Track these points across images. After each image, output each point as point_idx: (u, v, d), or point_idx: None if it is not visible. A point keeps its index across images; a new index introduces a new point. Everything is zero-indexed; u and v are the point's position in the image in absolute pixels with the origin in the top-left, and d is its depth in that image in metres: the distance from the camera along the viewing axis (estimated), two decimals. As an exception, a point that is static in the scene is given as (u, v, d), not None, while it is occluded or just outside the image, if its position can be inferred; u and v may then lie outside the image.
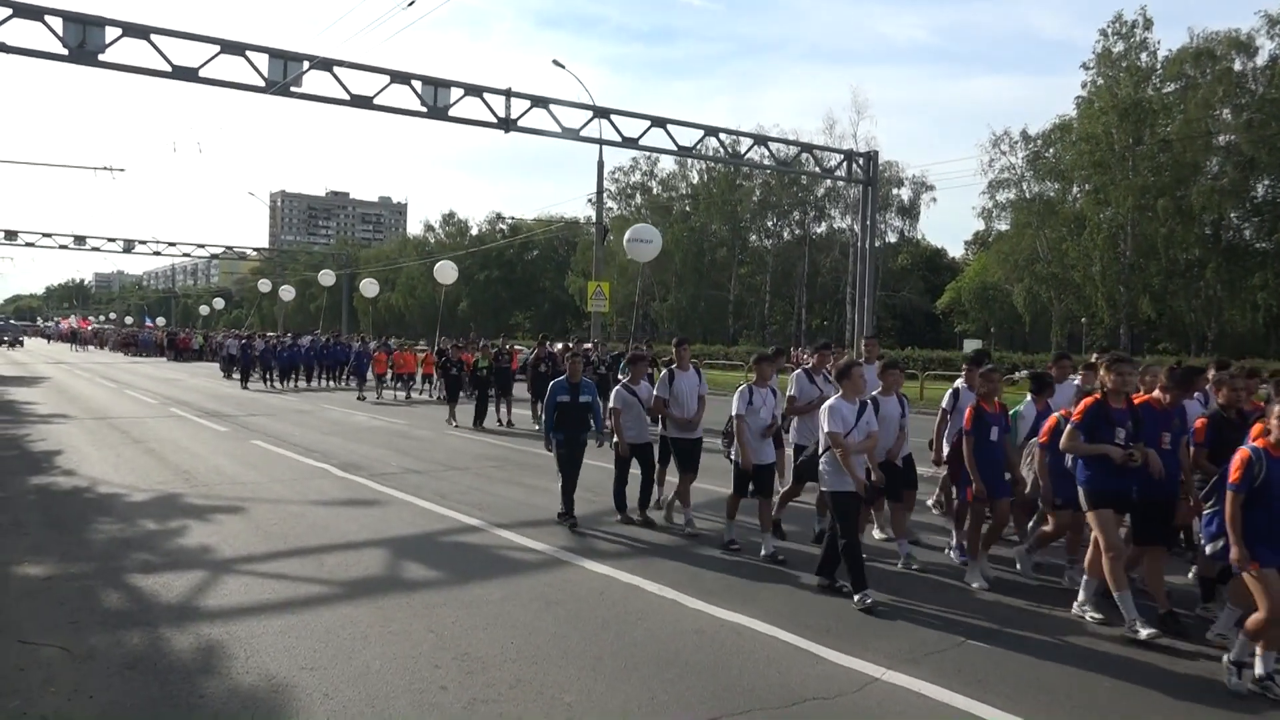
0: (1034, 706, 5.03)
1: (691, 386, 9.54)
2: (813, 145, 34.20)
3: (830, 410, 7.15)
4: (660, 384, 9.62)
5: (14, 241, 58.54)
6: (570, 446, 9.61)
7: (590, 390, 9.76)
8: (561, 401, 9.53)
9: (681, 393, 9.44)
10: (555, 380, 9.79)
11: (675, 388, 9.47)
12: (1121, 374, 6.58)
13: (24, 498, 10.68)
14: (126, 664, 5.43)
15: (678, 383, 9.48)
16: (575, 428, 9.59)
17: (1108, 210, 44.01)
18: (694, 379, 9.62)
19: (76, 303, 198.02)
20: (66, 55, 19.27)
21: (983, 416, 7.68)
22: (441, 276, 32.24)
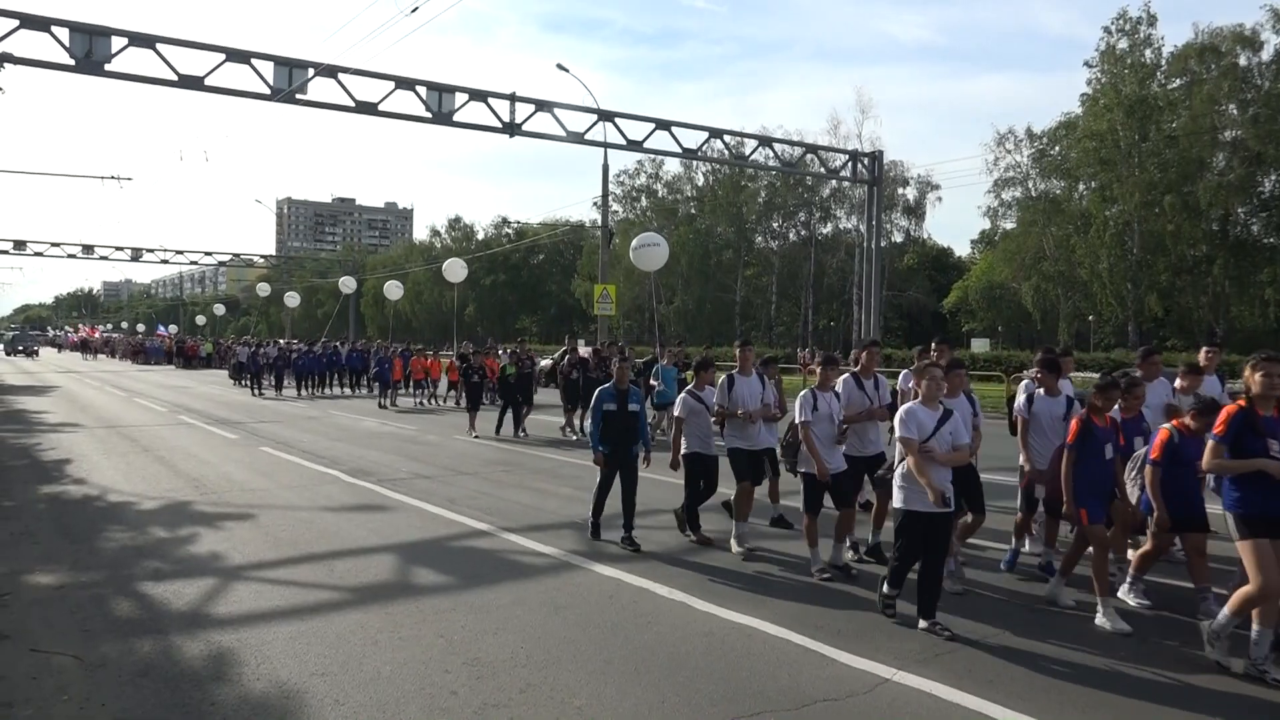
0: (1045, 707, 5.01)
1: (754, 393, 8.85)
2: (818, 146, 34.24)
3: (906, 415, 6.44)
4: (719, 390, 8.92)
5: (23, 251, 58.85)
6: (618, 459, 8.85)
7: (638, 398, 9.03)
8: (609, 410, 8.79)
9: (743, 400, 8.77)
10: (601, 387, 9.01)
11: (735, 395, 8.79)
12: (1271, 375, 5.78)
13: (35, 506, 10.73)
14: (138, 672, 5.44)
15: (739, 389, 8.81)
16: (624, 439, 8.82)
17: (1114, 207, 43.93)
18: (756, 385, 8.94)
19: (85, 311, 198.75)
20: (73, 65, 19.39)
21: (1093, 431, 6.83)
22: (450, 275, 31.97)
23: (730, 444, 8.80)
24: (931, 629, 6.21)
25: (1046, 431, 7.80)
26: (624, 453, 8.78)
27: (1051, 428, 7.76)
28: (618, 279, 55.52)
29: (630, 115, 26.67)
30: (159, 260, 65.18)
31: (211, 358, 54.23)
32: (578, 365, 18.51)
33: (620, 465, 8.76)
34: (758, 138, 32.56)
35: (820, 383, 8.00)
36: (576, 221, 77.43)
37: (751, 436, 8.77)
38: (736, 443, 8.78)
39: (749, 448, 8.76)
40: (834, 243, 61.83)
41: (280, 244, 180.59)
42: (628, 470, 8.79)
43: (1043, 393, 7.99)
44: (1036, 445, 7.86)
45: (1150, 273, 43.60)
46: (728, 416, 8.77)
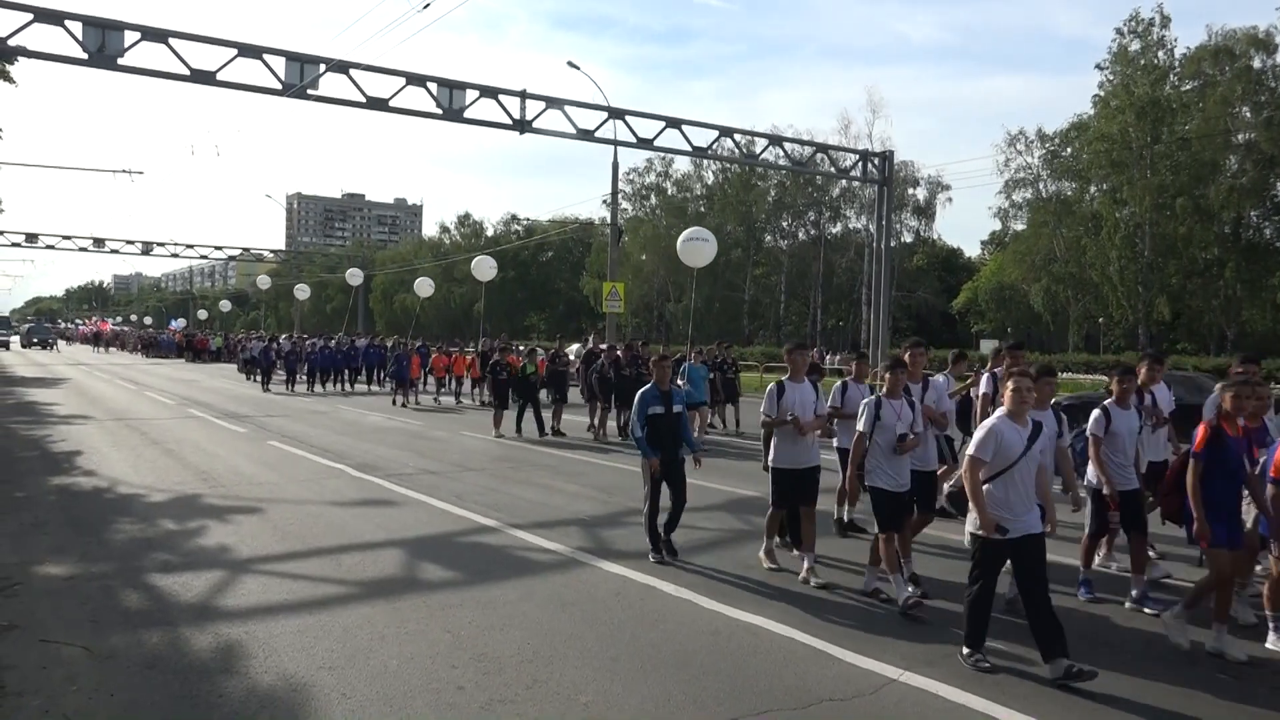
0: (1051, 708, 5.01)
1: (806, 402, 7.82)
2: (828, 145, 34.16)
3: (989, 432, 5.62)
4: (767, 399, 7.88)
5: (34, 244, 59.14)
6: (669, 466, 8.20)
7: (681, 399, 8.46)
8: (655, 414, 8.11)
9: (793, 410, 7.77)
10: (643, 389, 8.29)
11: (785, 404, 7.79)
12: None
13: (45, 498, 10.79)
14: (147, 663, 5.47)
15: (789, 398, 7.79)
16: (673, 444, 8.19)
17: (1125, 209, 43.76)
18: (809, 394, 7.90)
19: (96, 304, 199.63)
20: (86, 59, 19.45)
21: (1225, 441, 6.01)
22: (479, 273, 30.96)
23: (776, 462, 7.86)
24: (1070, 676, 5.26)
25: (1127, 448, 7.12)
26: (671, 457, 8.18)
27: (1131, 442, 7.15)
28: (626, 277, 55.53)
29: (640, 113, 26.67)
30: (169, 254, 65.54)
31: (221, 352, 54.36)
32: (613, 363, 17.86)
33: (667, 471, 8.17)
34: (768, 137, 32.52)
35: (889, 389, 7.20)
36: (586, 219, 77.41)
37: (799, 452, 7.79)
38: (782, 460, 7.82)
39: (794, 466, 7.78)
40: (843, 242, 61.69)
41: (290, 239, 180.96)
42: (675, 475, 8.22)
43: (1115, 405, 7.22)
44: (1115, 462, 7.08)
45: (1161, 275, 43.42)
46: (776, 427, 7.82)
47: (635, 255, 65.28)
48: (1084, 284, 46.97)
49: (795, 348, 8.16)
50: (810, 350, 8.40)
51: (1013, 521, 5.52)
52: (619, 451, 15.63)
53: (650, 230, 65.40)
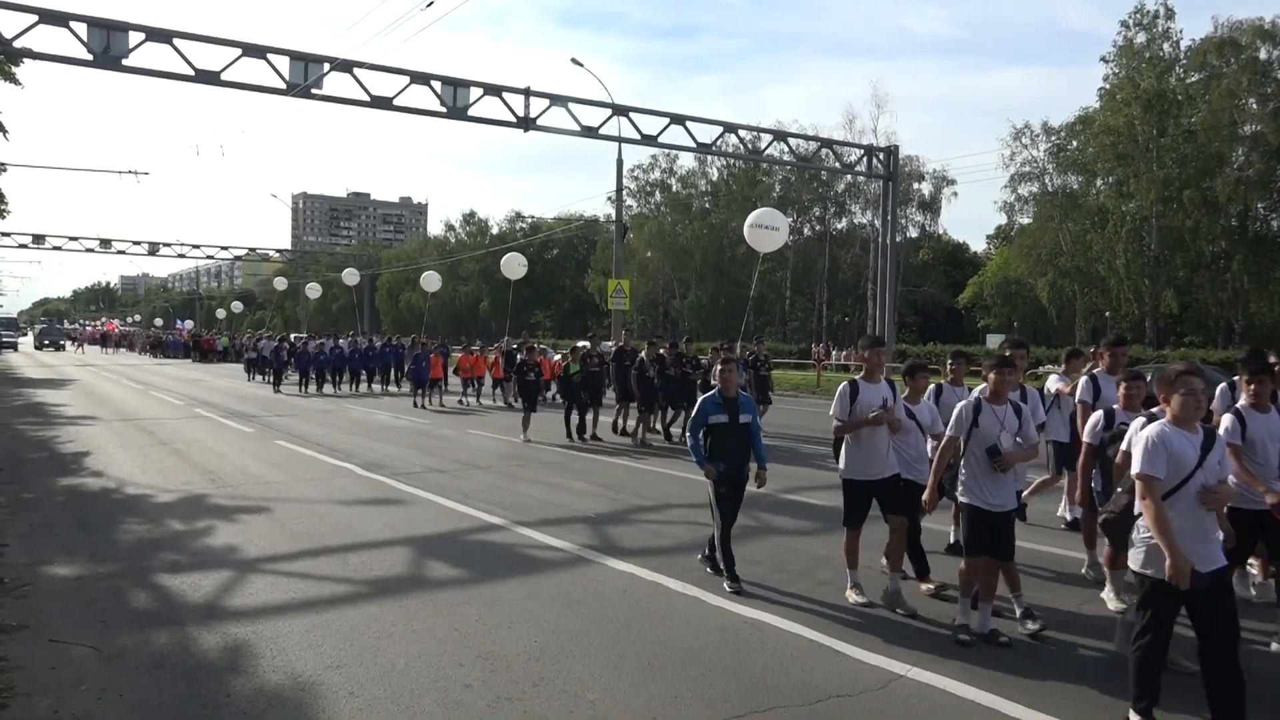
0: (1060, 703, 4.99)
1: (879, 402, 6.89)
2: (833, 141, 34.18)
3: (1154, 441, 4.65)
4: (838, 400, 6.92)
5: (41, 245, 59.45)
6: (734, 482, 7.33)
7: (751, 408, 7.52)
8: (717, 423, 7.29)
9: (864, 411, 6.83)
10: (705, 396, 7.53)
11: (859, 405, 6.85)
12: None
13: (53, 498, 10.82)
14: (155, 663, 5.49)
15: (864, 400, 6.86)
16: (738, 457, 7.30)
17: (1131, 203, 43.57)
18: (886, 395, 6.98)
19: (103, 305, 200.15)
20: (91, 60, 19.53)
21: None
22: (509, 271, 29.59)
23: (848, 472, 6.96)
24: None
25: (1270, 455, 6.12)
26: (736, 471, 7.29)
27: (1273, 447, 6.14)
28: (632, 274, 55.50)
29: (645, 110, 26.71)
30: (176, 254, 65.86)
31: (228, 351, 54.45)
32: (655, 362, 16.81)
33: (731, 483, 7.31)
34: (773, 132, 32.51)
35: (993, 391, 6.20)
36: (590, 216, 77.37)
37: (874, 460, 6.85)
38: (855, 469, 6.92)
39: (869, 475, 6.87)
40: (849, 238, 61.56)
41: (295, 238, 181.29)
42: (738, 489, 7.37)
43: (1250, 407, 6.19)
44: (1262, 472, 6.11)
45: (1168, 269, 43.24)
46: (849, 430, 6.89)
47: (640, 252, 65.23)
48: (1090, 278, 46.80)
49: (872, 344, 7.20)
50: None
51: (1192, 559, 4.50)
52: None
53: (655, 227, 65.36)
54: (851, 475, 6.94)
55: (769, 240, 19.38)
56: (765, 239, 19.26)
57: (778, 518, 10.02)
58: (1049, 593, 7.17)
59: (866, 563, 8.02)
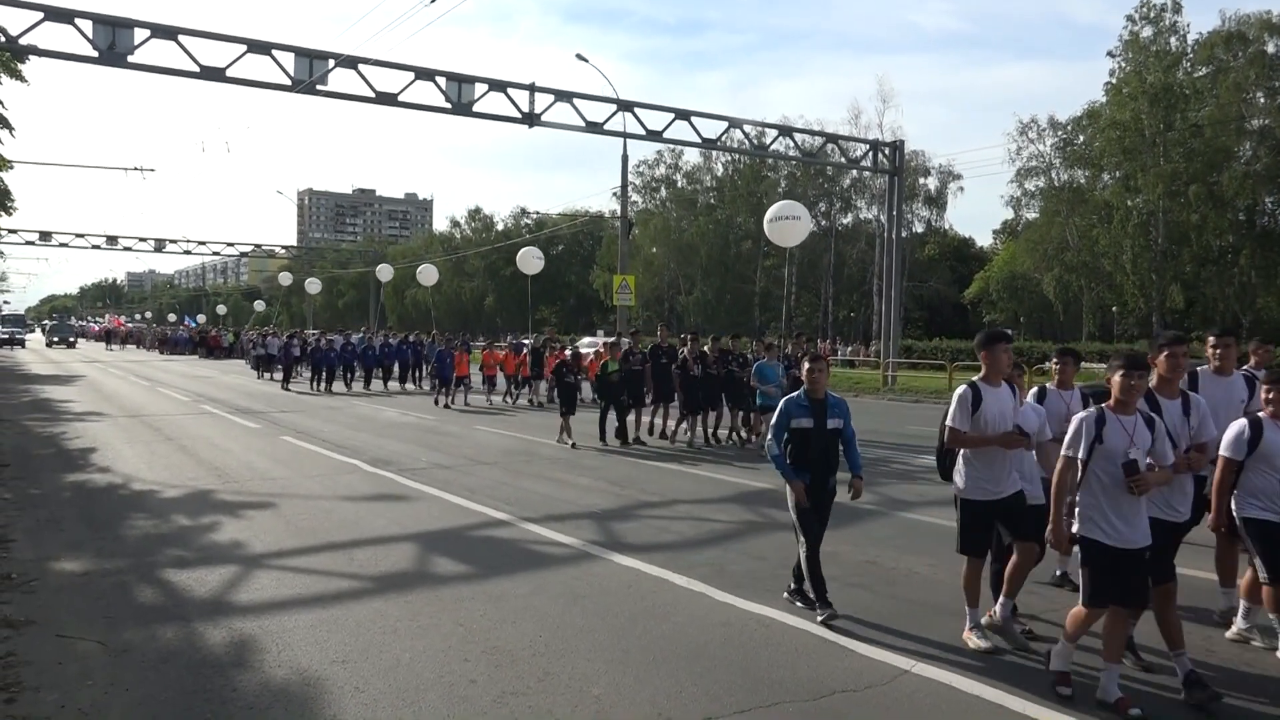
0: (1065, 700, 4.98)
1: (1007, 411, 5.91)
2: (838, 136, 34.08)
3: None
4: (958, 407, 5.89)
5: (48, 242, 59.60)
6: (820, 494, 6.58)
7: (843, 411, 6.67)
8: (800, 428, 6.51)
9: (990, 421, 5.84)
10: (789, 397, 6.74)
11: (983, 414, 5.84)
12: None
13: (60, 494, 10.85)
14: (161, 658, 5.50)
15: (987, 407, 5.85)
16: (823, 468, 6.56)
17: (1138, 197, 43.47)
18: (1009, 400, 5.96)
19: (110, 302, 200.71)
20: (96, 57, 19.55)
21: None
22: (525, 265, 28.70)
23: (969, 491, 5.96)
24: None
25: None
26: (820, 484, 6.56)
27: None
28: (637, 270, 55.50)
29: (650, 105, 26.66)
30: (182, 251, 66.01)
31: (234, 348, 54.55)
32: (696, 361, 16.01)
33: (815, 497, 6.55)
34: (778, 127, 32.42)
35: (1118, 401, 5.04)
36: (596, 212, 77.39)
37: (999, 475, 5.89)
38: (976, 488, 5.92)
39: (993, 495, 5.88)
40: (854, 233, 61.53)
41: (301, 235, 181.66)
42: (824, 504, 6.63)
43: None
44: None
45: (1175, 263, 43.14)
46: (970, 445, 5.90)
47: (645, 248, 65.25)
48: (1097, 273, 46.71)
49: (991, 340, 6.04)
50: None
51: None
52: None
53: (660, 223, 65.35)
54: (972, 495, 5.92)
55: (793, 231, 18.44)
56: (789, 230, 18.37)
57: (784, 513, 9.97)
58: (1053, 590, 7.15)
59: (872, 558, 8.00)
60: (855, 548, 8.39)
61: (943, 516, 9.04)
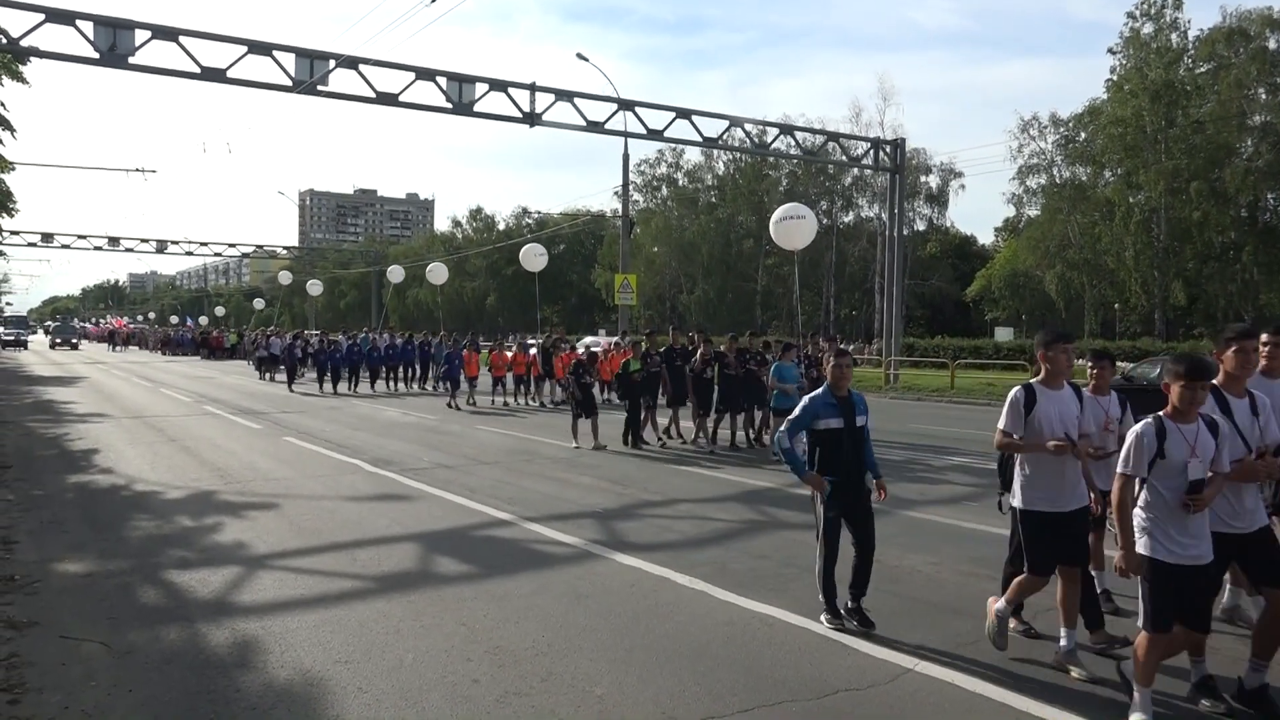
0: (1069, 698, 4.97)
1: (1068, 416, 5.42)
2: (839, 134, 34.07)
3: None
4: (1009, 411, 5.48)
5: (50, 244, 59.66)
6: (847, 499, 6.16)
7: (865, 407, 6.33)
8: (829, 429, 6.14)
9: (1048, 427, 5.35)
10: (813, 394, 6.39)
11: (1037, 418, 5.39)
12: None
13: (63, 495, 10.86)
14: (164, 659, 5.51)
15: (1042, 410, 5.39)
16: (854, 471, 6.18)
17: (1140, 194, 43.45)
18: (1070, 404, 5.48)
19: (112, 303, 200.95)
20: (98, 59, 19.56)
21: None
22: (529, 263, 28.28)
23: (1029, 501, 5.44)
24: None
25: None
26: (853, 487, 6.18)
27: None
28: (638, 269, 55.49)
29: (650, 104, 26.63)
30: (184, 252, 66.10)
31: (236, 349, 54.59)
32: (712, 361, 15.61)
33: (847, 504, 6.17)
34: (779, 126, 32.39)
35: (1176, 409, 4.63)
36: (597, 211, 77.42)
37: (1063, 487, 5.39)
38: (1038, 498, 5.41)
39: (1057, 508, 5.39)
40: (856, 231, 61.51)
41: (303, 235, 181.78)
42: (859, 512, 6.19)
43: None
44: None
45: (1177, 260, 43.10)
46: (1022, 452, 5.45)
47: (647, 247, 65.27)
48: (1099, 270, 46.67)
49: (1055, 339, 5.51)
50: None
51: None
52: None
53: (662, 222, 65.37)
54: (1033, 506, 5.40)
55: (800, 232, 17.91)
56: (795, 231, 17.87)
57: (786, 511, 10.01)
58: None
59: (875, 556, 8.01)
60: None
61: (945, 515, 9.04)
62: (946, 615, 6.39)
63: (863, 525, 6.18)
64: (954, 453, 15.08)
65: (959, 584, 7.19)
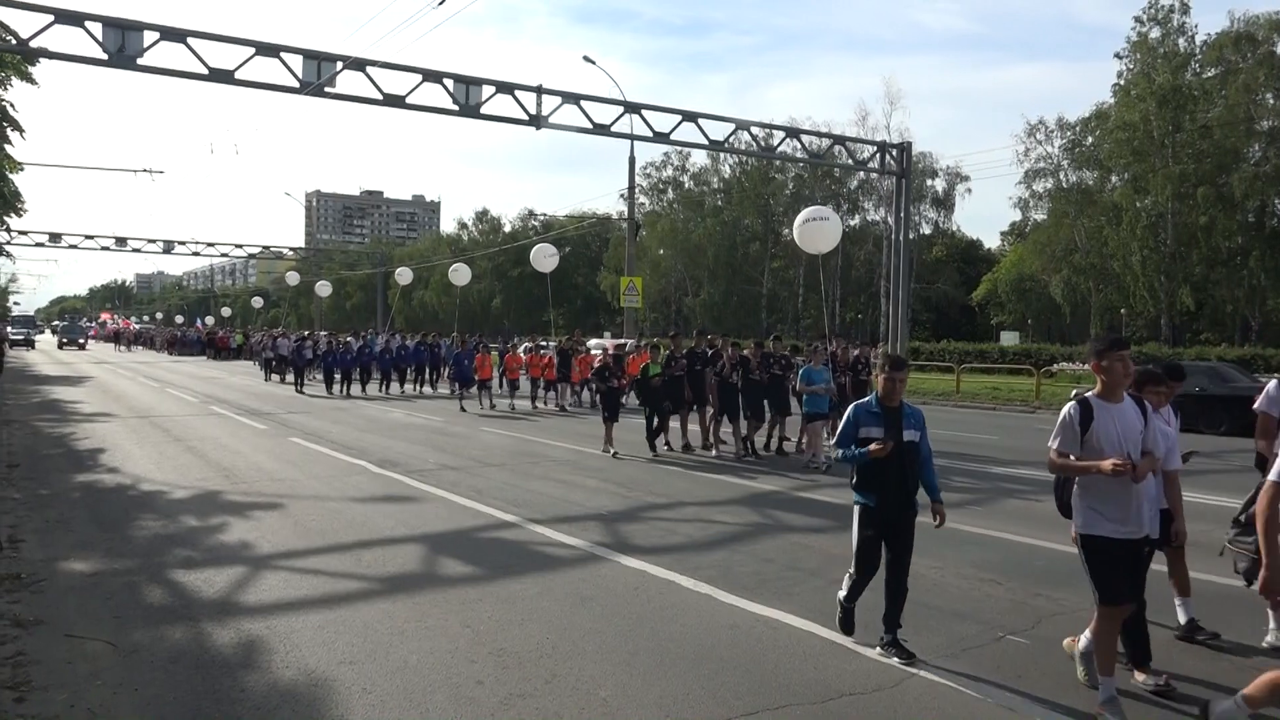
0: (1074, 702, 4.97)
1: (1130, 432, 4.90)
2: (845, 137, 34.06)
3: None
4: (1063, 428, 4.95)
5: (57, 244, 59.72)
6: (888, 519, 5.68)
7: (919, 422, 5.82)
8: (867, 439, 5.71)
9: (1109, 446, 4.81)
10: (857, 403, 5.95)
11: (1095, 435, 4.86)
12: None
13: (69, 495, 10.89)
14: (170, 658, 5.52)
15: (1101, 426, 4.86)
16: (897, 489, 5.66)
17: (1147, 199, 43.31)
18: (1133, 418, 4.95)
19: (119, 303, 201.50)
20: (106, 60, 19.58)
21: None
22: (539, 263, 27.94)
23: (1089, 526, 4.93)
24: None
25: None
26: (895, 507, 5.66)
27: None
28: (644, 271, 55.44)
29: (657, 107, 26.60)
30: (190, 252, 66.03)
31: (242, 349, 54.68)
32: (738, 366, 14.99)
33: (887, 525, 5.66)
34: (785, 129, 32.35)
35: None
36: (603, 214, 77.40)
37: (1128, 511, 4.87)
38: (1100, 522, 4.89)
39: (1121, 534, 4.87)
40: (862, 234, 61.41)
41: (309, 236, 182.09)
42: (900, 537, 5.68)
43: None
44: None
45: (1184, 265, 42.96)
46: (1068, 472, 5.02)
47: (653, 249, 65.26)
48: (1105, 275, 46.55)
49: (1106, 346, 4.97)
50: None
51: None
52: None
53: (667, 224, 65.37)
54: (1094, 529, 4.89)
55: (825, 234, 17.37)
56: (819, 234, 17.31)
57: (791, 515, 10.00)
58: (1064, 589, 7.13)
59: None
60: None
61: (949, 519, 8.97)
62: (950, 620, 6.38)
63: (899, 550, 5.67)
64: (958, 457, 15.06)
65: (962, 589, 7.18)
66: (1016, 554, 8.28)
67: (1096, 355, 4.99)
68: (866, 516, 5.70)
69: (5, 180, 30.51)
